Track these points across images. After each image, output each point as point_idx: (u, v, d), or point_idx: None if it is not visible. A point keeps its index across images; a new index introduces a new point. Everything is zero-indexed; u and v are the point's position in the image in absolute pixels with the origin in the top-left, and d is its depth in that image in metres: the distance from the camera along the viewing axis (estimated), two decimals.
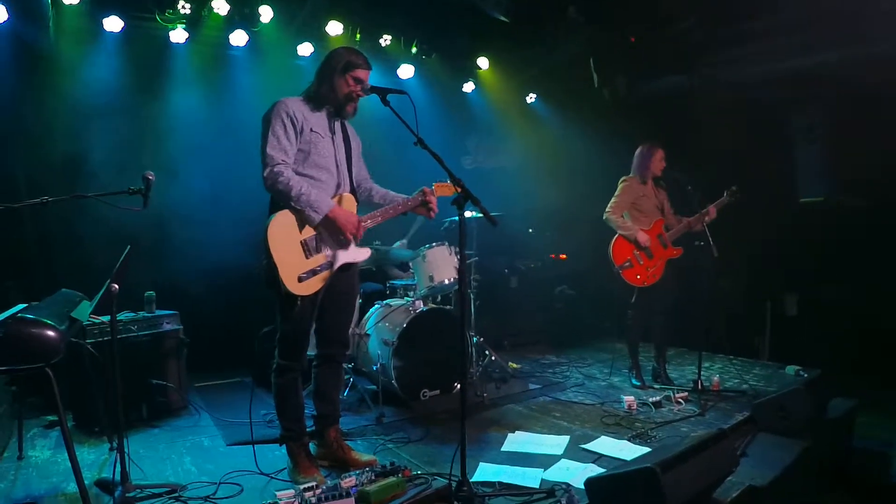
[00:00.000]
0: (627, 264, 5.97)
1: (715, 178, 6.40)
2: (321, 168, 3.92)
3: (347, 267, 4.07)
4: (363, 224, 4.00)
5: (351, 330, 5.32)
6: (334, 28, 7.16)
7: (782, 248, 7.63)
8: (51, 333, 2.94)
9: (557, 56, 8.49)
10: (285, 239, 3.76)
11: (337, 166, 4.03)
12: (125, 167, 5.87)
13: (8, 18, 5.81)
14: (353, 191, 4.13)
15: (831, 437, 5.06)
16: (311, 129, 3.88)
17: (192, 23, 6.63)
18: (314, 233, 3.86)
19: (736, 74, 7.76)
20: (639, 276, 5.99)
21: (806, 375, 6.12)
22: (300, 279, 3.76)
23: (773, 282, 7.94)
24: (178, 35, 6.57)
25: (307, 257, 3.81)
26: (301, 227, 3.82)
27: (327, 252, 3.91)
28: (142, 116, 6.61)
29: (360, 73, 3.97)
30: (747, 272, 8.01)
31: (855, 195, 6.95)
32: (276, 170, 3.73)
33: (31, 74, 6.08)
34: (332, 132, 4.05)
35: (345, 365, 5.17)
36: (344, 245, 3.98)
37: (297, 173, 3.84)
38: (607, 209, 6.07)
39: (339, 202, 3.99)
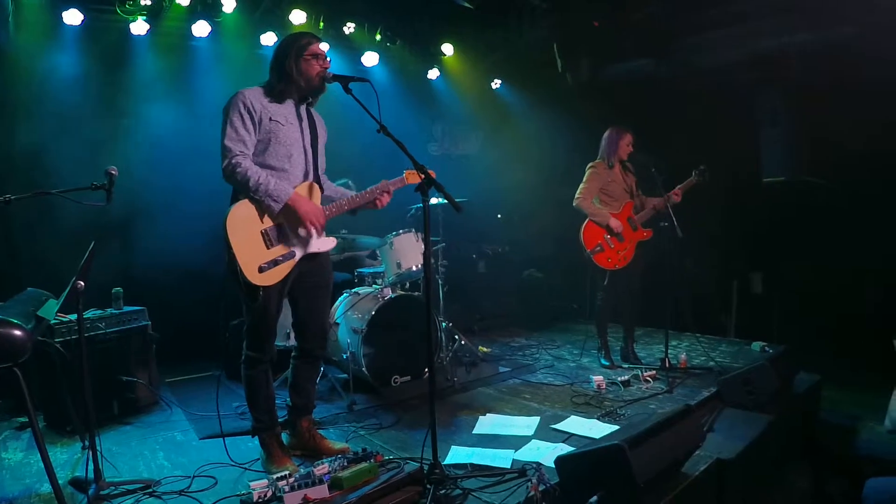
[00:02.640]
0: (598, 248, 6.04)
1: (679, 161, 6.48)
2: (284, 157, 3.88)
3: (314, 256, 4.07)
4: (327, 214, 4.00)
5: None
6: (297, 17, 7.09)
7: (747, 228, 7.78)
8: (17, 333, 2.93)
9: (521, 41, 8.50)
10: (245, 229, 3.74)
11: (304, 154, 4.01)
12: (88, 162, 5.80)
13: None
14: (318, 180, 4.10)
15: (797, 411, 5.19)
16: (271, 119, 3.83)
17: (153, 14, 6.53)
18: (275, 223, 3.85)
19: (700, 58, 7.82)
20: (610, 260, 6.06)
21: (771, 351, 6.22)
22: (261, 269, 3.74)
23: (739, 261, 8.08)
24: (139, 27, 6.47)
25: (268, 247, 3.79)
26: (262, 217, 3.80)
27: (289, 241, 3.90)
28: (104, 110, 6.52)
29: (314, 48, 3.94)
30: (713, 252, 8.14)
31: (817, 175, 7.07)
32: (233, 161, 3.71)
33: None
34: (299, 119, 4.01)
35: None
36: (306, 234, 3.98)
37: (260, 164, 3.82)
38: (577, 195, 6.12)
39: (310, 192, 3.99)
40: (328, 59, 4.01)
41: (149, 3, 6.36)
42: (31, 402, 3.13)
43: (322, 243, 4.09)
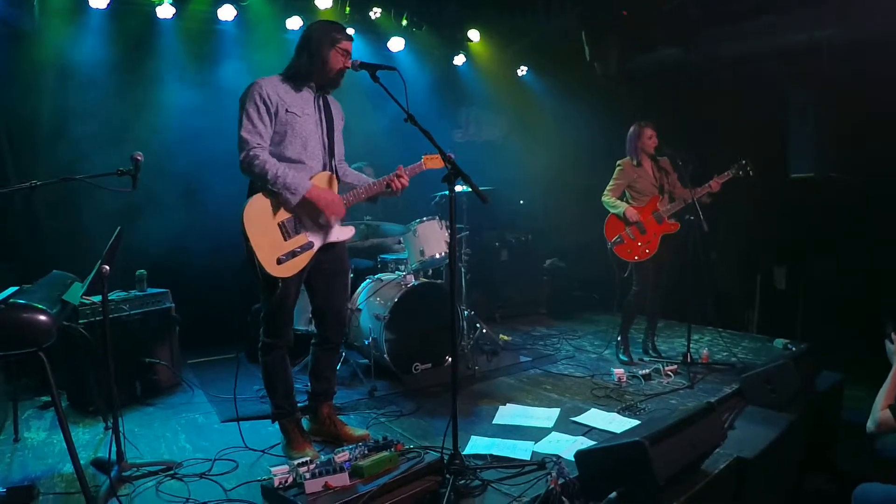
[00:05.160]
0: (618, 240, 6.01)
1: (705, 153, 6.42)
2: (300, 148, 3.88)
3: (332, 246, 4.07)
4: (345, 202, 4.00)
5: None
6: (323, 1, 7.04)
7: (772, 223, 7.69)
8: (42, 318, 2.94)
9: (549, 29, 8.44)
10: (262, 221, 3.76)
11: (321, 144, 4.00)
12: (114, 146, 5.85)
13: None
14: (334, 170, 4.09)
15: (819, 410, 5.13)
16: (287, 110, 3.83)
17: None
18: (292, 214, 3.86)
19: (729, 50, 7.72)
20: (630, 251, 6.02)
21: (794, 349, 6.18)
22: (279, 261, 3.76)
23: (763, 256, 7.99)
24: (165, 10, 6.44)
25: (286, 239, 3.81)
26: (278, 209, 3.81)
27: (307, 233, 3.91)
28: (130, 94, 6.53)
29: (347, 45, 3.94)
30: (737, 246, 8.07)
31: (845, 171, 6.96)
32: (251, 153, 3.71)
33: (15, 55, 5.96)
34: (316, 109, 4.00)
35: None
36: (324, 225, 3.98)
37: (277, 156, 3.81)
38: (605, 192, 6.12)
39: (329, 182, 3.99)
40: (354, 59, 3.97)
41: None
42: (54, 385, 3.15)
43: (340, 233, 4.11)
